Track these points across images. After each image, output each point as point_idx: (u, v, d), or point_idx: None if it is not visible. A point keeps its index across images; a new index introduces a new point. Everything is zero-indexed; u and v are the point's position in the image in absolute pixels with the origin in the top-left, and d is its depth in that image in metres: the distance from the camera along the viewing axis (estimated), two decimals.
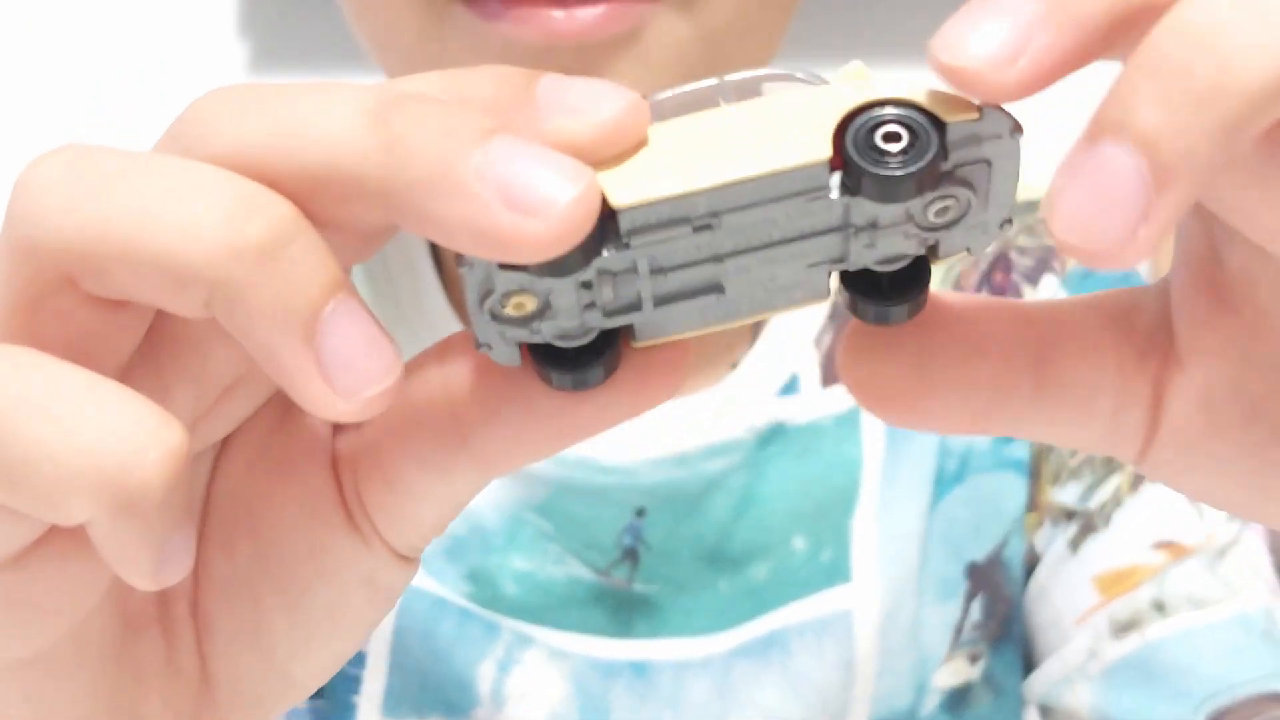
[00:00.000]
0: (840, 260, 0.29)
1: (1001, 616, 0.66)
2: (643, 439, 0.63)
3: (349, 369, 0.26)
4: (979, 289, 0.68)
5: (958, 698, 0.65)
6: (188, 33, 1.08)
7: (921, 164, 0.27)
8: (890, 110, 0.28)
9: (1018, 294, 0.68)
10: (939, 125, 0.28)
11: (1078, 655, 0.62)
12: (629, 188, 0.27)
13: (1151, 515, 0.63)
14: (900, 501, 0.64)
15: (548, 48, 0.54)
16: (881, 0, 1.07)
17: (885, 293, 0.29)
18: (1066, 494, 0.65)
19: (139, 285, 0.26)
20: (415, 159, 0.26)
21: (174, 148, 0.28)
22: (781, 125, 0.28)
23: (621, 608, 0.63)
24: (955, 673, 0.65)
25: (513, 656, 0.62)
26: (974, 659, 0.65)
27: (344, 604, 0.32)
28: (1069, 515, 0.64)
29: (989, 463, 0.65)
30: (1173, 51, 0.24)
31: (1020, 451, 0.66)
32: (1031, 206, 0.70)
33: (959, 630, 0.65)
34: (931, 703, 0.64)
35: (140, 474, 0.25)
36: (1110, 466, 0.64)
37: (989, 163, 0.29)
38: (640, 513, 0.63)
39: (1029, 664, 0.66)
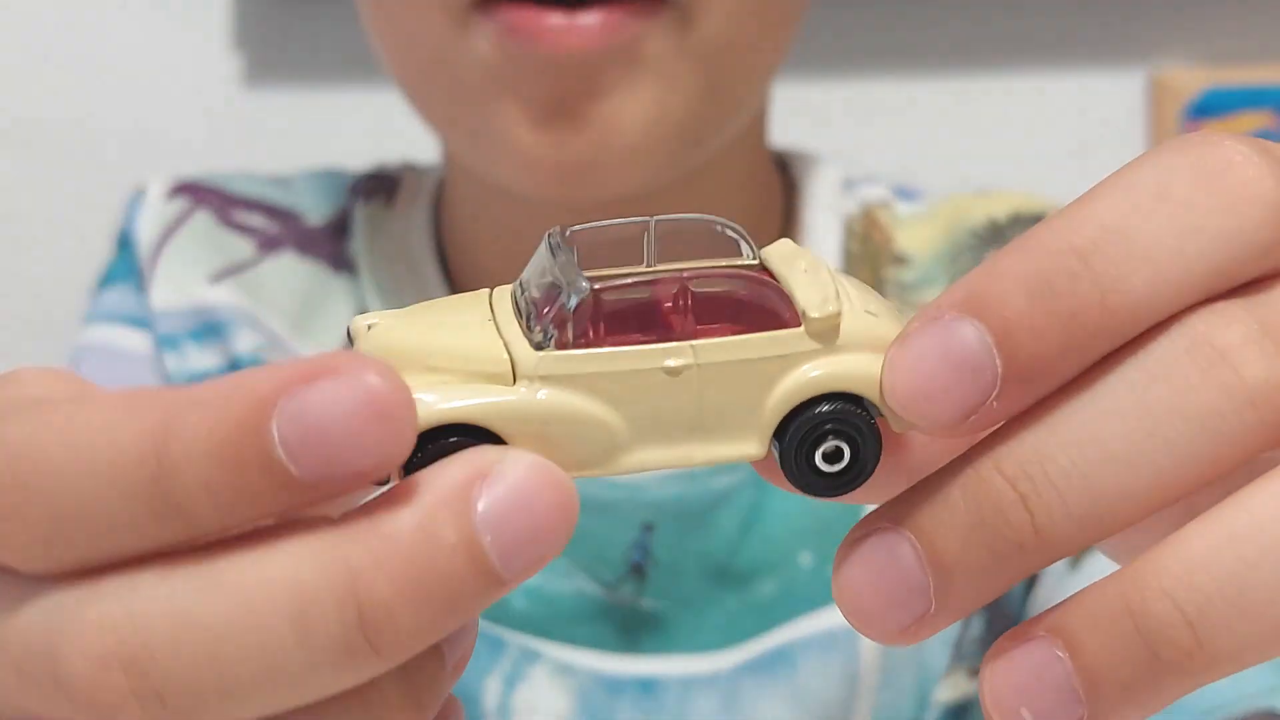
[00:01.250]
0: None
1: (1001, 631, 0.66)
2: None
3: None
4: None
5: (958, 712, 0.66)
6: (181, 46, 1.08)
7: (858, 484, 0.29)
8: (831, 414, 0.28)
9: None
10: (871, 417, 0.28)
11: None
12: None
13: (1148, 528, 0.63)
14: None
15: (553, 62, 0.55)
16: (875, 13, 1.08)
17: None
18: None
19: None
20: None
21: None
22: (719, 406, 0.28)
23: (629, 623, 0.63)
24: (955, 687, 0.65)
25: (519, 671, 0.62)
26: (974, 673, 0.66)
27: None
28: None
29: None
30: (993, 492, 0.27)
31: None
32: (1034, 220, 0.70)
33: (959, 645, 0.65)
34: (932, 717, 0.65)
35: None
36: None
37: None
38: (648, 528, 0.63)
39: None
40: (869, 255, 0.70)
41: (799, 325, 0.28)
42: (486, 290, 0.30)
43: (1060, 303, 0.26)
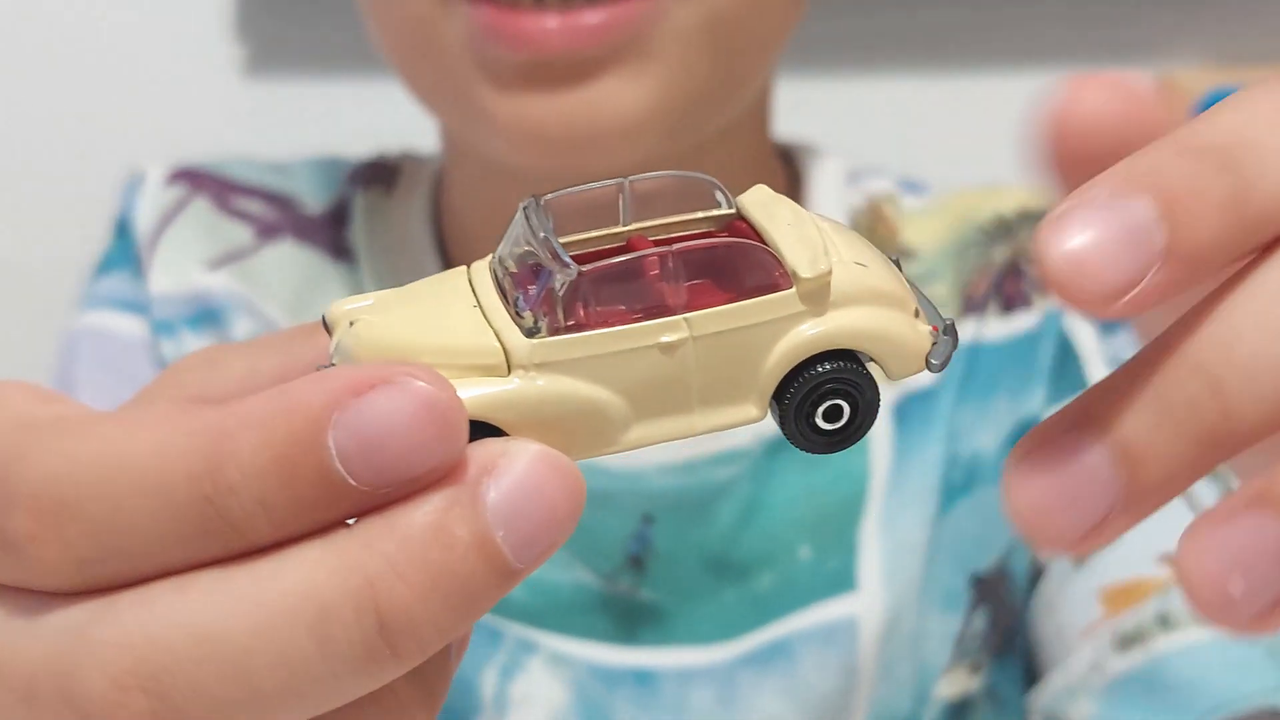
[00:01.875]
0: None
1: (1004, 628, 0.66)
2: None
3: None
4: (989, 297, 0.68)
5: (958, 709, 0.65)
6: (182, 36, 1.08)
7: (856, 439, 0.28)
8: (830, 373, 0.28)
9: (1027, 302, 0.68)
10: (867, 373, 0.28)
11: (1081, 668, 0.62)
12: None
13: (1157, 529, 0.63)
14: (906, 512, 0.64)
15: (539, 59, 0.54)
16: (881, 12, 1.08)
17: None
18: None
19: None
20: None
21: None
22: (716, 376, 0.27)
23: (627, 615, 0.63)
24: (956, 683, 0.65)
25: (516, 662, 0.62)
26: (975, 670, 0.65)
27: None
28: None
29: (997, 474, 0.65)
30: (1180, 383, 0.25)
31: None
32: (1042, 216, 0.70)
33: (961, 641, 0.65)
34: (932, 713, 0.64)
35: None
36: None
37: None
38: (647, 520, 0.63)
39: (1032, 677, 0.66)
40: None
41: (790, 286, 0.27)
42: (464, 269, 0.29)
43: (1225, 189, 0.25)
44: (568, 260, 0.27)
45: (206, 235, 0.70)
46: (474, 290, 0.28)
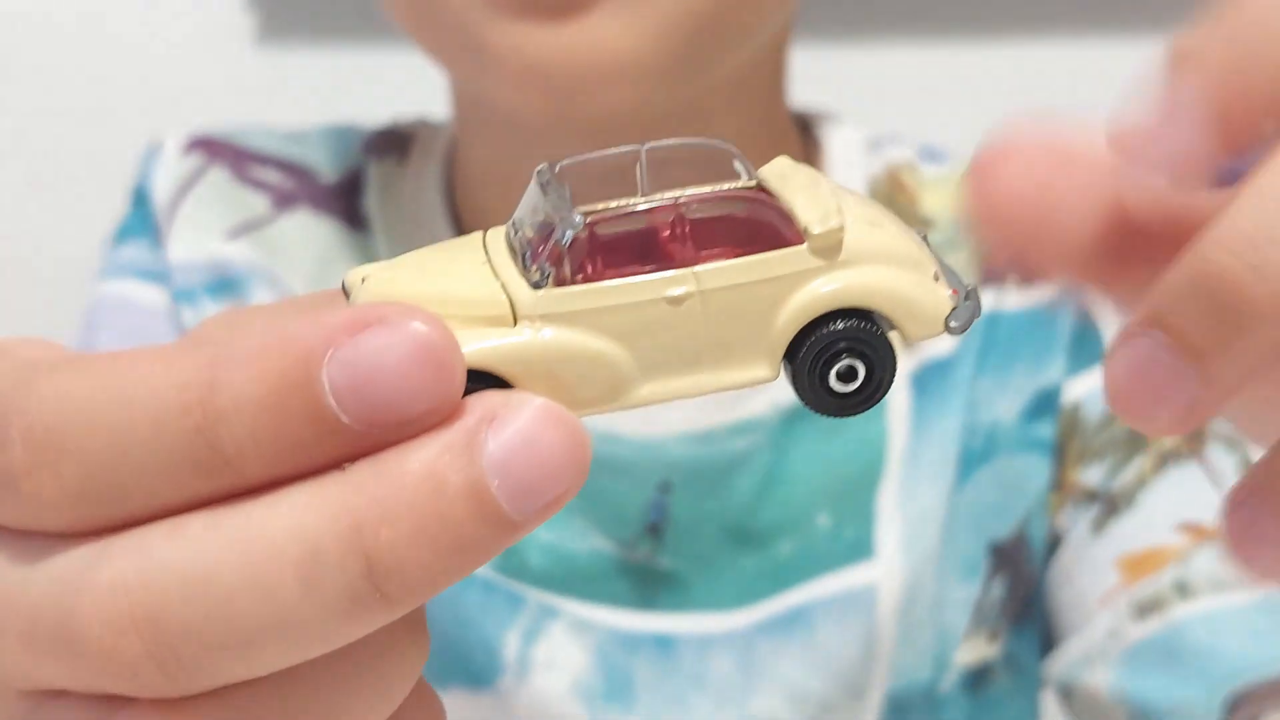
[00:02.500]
0: None
1: (1022, 596, 0.66)
2: (668, 414, 0.63)
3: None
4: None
5: (977, 675, 0.65)
6: (195, 5, 1.07)
7: (873, 402, 0.28)
8: (845, 331, 0.28)
9: None
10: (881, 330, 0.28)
11: (1099, 636, 0.62)
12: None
13: (1175, 497, 0.63)
14: (925, 480, 0.64)
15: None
16: None
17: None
18: (1090, 475, 0.65)
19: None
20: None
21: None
22: (726, 332, 0.27)
23: (646, 582, 0.63)
24: (974, 650, 0.65)
25: (538, 627, 0.62)
26: (994, 637, 0.66)
27: None
28: (1092, 496, 0.65)
29: (1015, 443, 0.66)
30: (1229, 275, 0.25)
31: (1046, 431, 0.66)
32: None
33: (979, 608, 0.65)
34: (950, 679, 0.65)
35: None
36: (1134, 447, 0.64)
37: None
38: (665, 488, 0.63)
39: (1049, 644, 0.67)
40: None
41: (802, 243, 0.27)
42: (479, 233, 0.29)
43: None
44: (575, 214, 0.27)
45: (224, 204, 0.70)
46: (486, 250, 0.28)
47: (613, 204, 0.28)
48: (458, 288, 0.27)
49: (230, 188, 0.70)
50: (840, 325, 0.27)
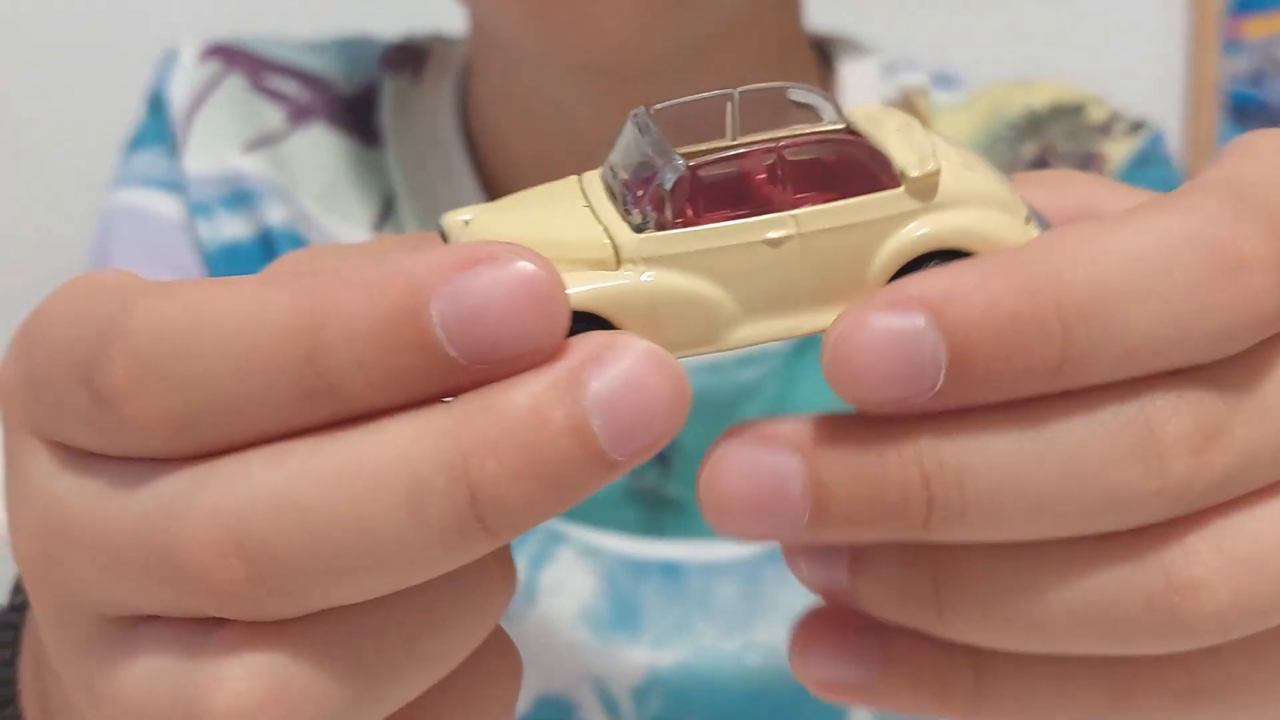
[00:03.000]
0: None
1: None
2: None
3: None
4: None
5: None
6: None
7: None
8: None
9: None
10: None
11: None
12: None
13: None
14: None
15: None
16: None
17: None
18: None
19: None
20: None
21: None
22: (825, 274, 0.28)
23: (653, 509, 0.64)
24: None
25: (546, 552, 0.63)
26: None
27: None
28: None
29: None
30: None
31: None
32: (1074, 110, 0.70)
33: None
34: None
35: None
36: None
37: None
38: None
39: None
40: None
41: (898, 186, 0.27)
42: (575, 177, 0.29)
43: (1022, 354, 0.26)
44: (676, 157, 0.27)
45: (240, 116, 0.70)
46: (585, 194, 0.29)
47: (708, 146, 0.28)
48: (562, 231, 0.27)
49: (247, 98, 0.70)
50: (938, 265, 0.28)
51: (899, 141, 0.28)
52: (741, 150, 0.28)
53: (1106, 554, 0.27)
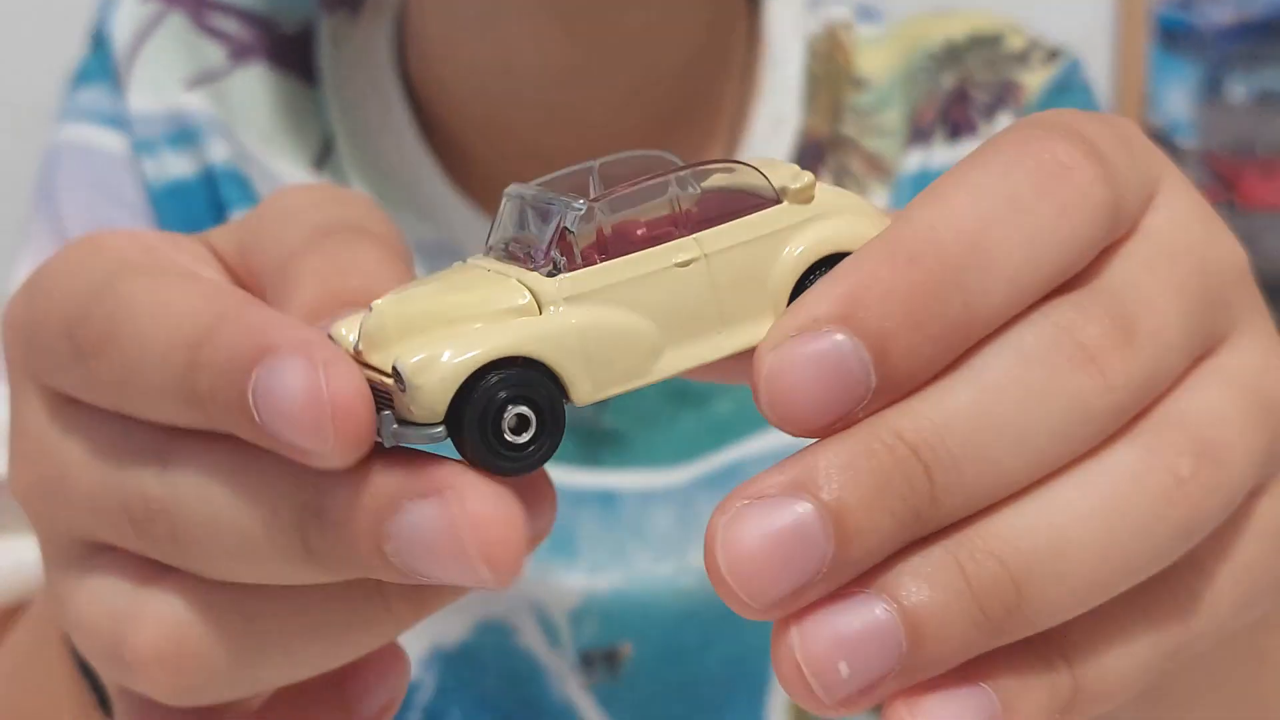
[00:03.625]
0: None
1: None
2: None
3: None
4: (936, 124, 0.70)
5: None
6: None
7: None
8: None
9: (973, 129, 0.69)
10: None
11: None
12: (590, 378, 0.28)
13: None
14: None
15: None
16: None
17: None
18: None
19: None
20: None
21: None
22: (732, 292, 0.29)
23: (590, 439, 0.66)
24: None
25: None
26: None
27: None
28: None
29: None
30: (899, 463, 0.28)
31: None
32: (992, 40, 0.72)
33: None
34: None
35: None
36: None
37: None
38: None
39: None
40: (830, 76, 0.71)
41: (780, 202, 0.29)
42: (460, 261, 0.31)
43: (935, 321, 0.27)
44: (574, 199, 0.28)
45: (183, 53, 0.70)
46: (483, 268, 0.29)
47: (603, 191, 0.29)
48: (475, 292, 0.28)
49: (189, 36, 0.71)
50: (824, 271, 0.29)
51: (768, 166, 0.30)
52: (635, 186, 0.29)
53: (1108, 464, 0.29)
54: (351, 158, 0.69)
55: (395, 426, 0.26)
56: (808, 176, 0.30)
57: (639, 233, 0.29)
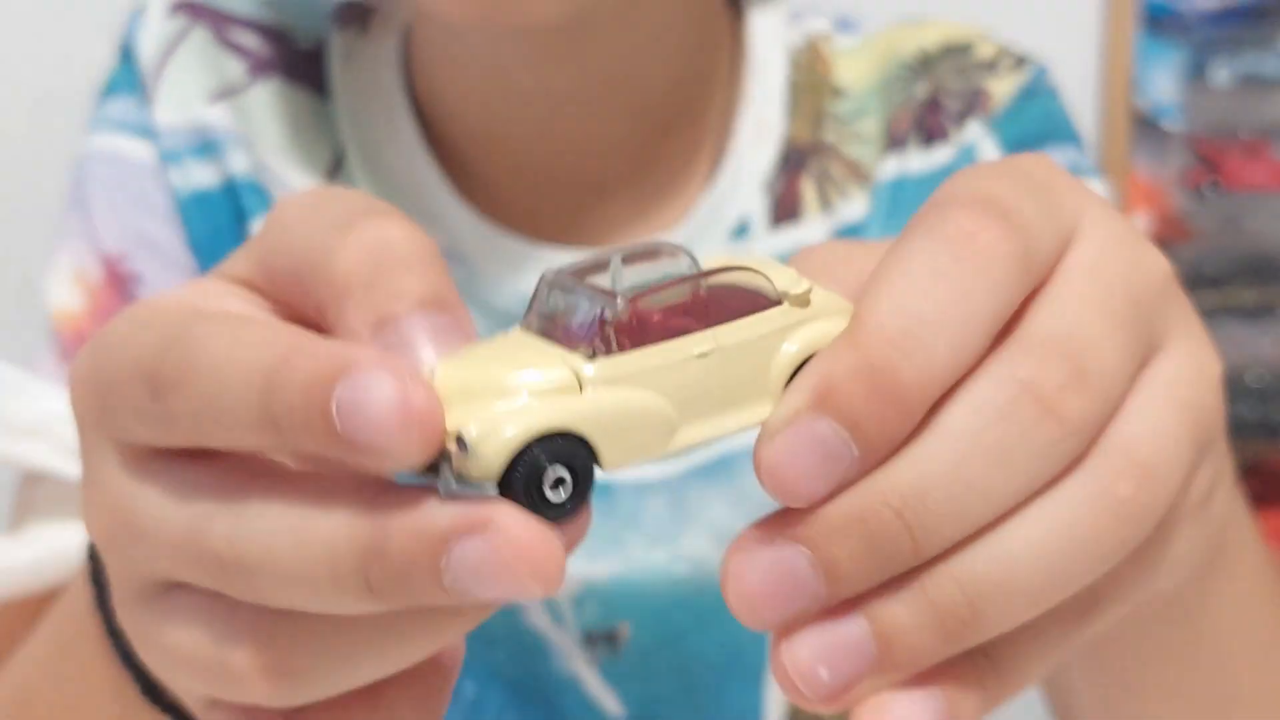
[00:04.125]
0: None
1: None
2: None
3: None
4: (911, 131, 0.72)
5: None
6: None
7: None
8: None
9: (945, 135, 0.72)
10: None
11: None
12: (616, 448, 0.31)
13: None
14: None
15: None
16: None
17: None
18: None
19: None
20: None
21: None
22: (738, 380, 0.33)
23: None
24: None
25: None
26: None
27: None
28: None
29: None
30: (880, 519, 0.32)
31: None
32: (963, 49, 0.74)
33: None
34: None
35: None
36: None
37: None
38: None
39: None
40: (812, 86, 0.73)
41: (781, 303, 0.34)
42: (503, 333, 0.34)
43: (893, 389, 0.31)
44: (615, 295, 0.32)
45: (206, 67, 0.73)
46: (525, 341, 0.33)
47: (638, 285, 0.33)
48: (528, 370, 0.31)
49: (212, 50, 0.73)
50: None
51: (771, 269, 0.34)
52: (661, 284, 0.33)
53: (1058, 497, 0.33)
54: (361, 169, 0.72)
55: (454, 484, 0.30)
56: (806, 284, 0.34)
57: (656, 319, 0.33)
